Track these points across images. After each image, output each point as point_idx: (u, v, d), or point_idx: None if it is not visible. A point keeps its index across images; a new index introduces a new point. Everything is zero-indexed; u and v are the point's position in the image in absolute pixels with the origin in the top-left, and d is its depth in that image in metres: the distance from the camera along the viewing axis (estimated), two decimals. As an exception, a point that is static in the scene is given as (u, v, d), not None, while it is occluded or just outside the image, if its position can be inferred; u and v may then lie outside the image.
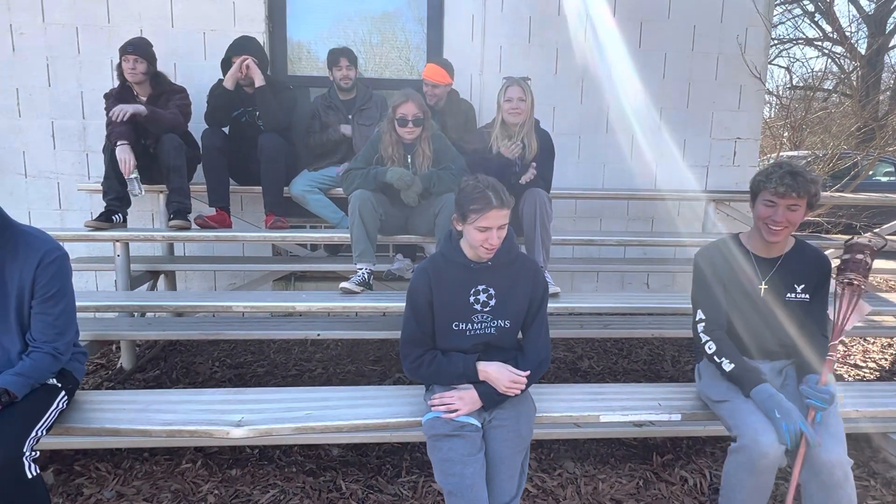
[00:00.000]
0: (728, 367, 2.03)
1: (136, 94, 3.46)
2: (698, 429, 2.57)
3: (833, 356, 1.98)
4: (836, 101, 11.64)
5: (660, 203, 4.54)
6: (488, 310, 1.98)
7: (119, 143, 3.26)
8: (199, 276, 4.38)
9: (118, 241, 3.28)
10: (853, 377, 3.73)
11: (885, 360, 4.05)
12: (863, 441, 2.72)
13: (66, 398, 1.99)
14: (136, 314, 3.56)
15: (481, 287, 1.98)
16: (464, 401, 1.90)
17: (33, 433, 1.76)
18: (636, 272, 4.63)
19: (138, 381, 3.40)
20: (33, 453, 1.73)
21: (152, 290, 3.89)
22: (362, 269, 3.01)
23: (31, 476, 1.69)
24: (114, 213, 3.37)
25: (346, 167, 3.65)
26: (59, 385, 1.97)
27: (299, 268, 4.19)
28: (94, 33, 3.97)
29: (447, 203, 2.90)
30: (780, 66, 16.01)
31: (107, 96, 3.44)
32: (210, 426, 2.01)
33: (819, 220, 6.17)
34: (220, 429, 2.00)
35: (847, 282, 2.00)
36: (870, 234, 2.58)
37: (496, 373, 1.91)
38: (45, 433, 1.84)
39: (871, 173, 7.70)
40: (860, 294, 1.99)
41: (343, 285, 2.94)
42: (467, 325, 1.98)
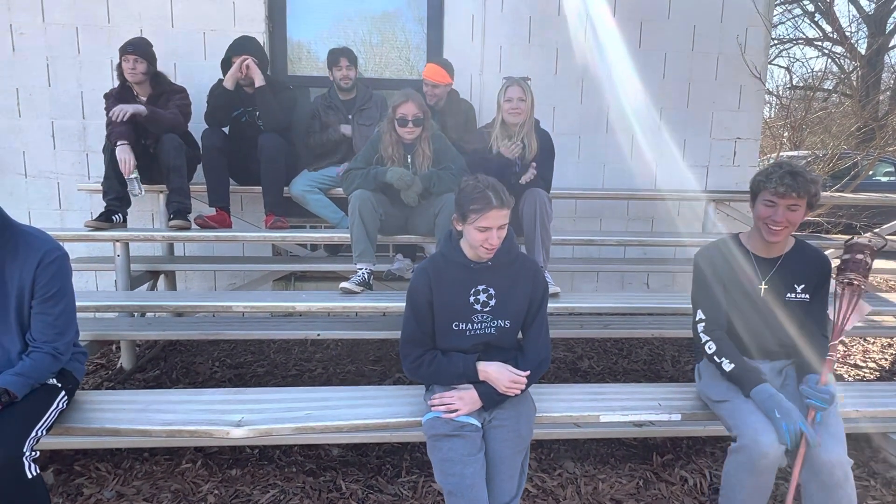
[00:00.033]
0: (728, 367, 2.03)
1: (135, 94, 3.46)
2: (698, 429, 2.57)
3: (833, 356, 1.98)
4: (836, 101, 11.65)
5: (660, 203, 4.54)
6: (488, 310, 1.98)
7: (119, 143, 3.26)
8: (199, 276, 4.38)
9: (118, 241, 3.28)
10: (853, 377, 3.72)
11: (885, 360, 4.05)
12: (863, 441, 2.71)
13: (66, 398, 1.99)
14: (136, 314, 3.56)
15: (481, 287, 1.98)
16: (464, 401, 1.90)
17: (33, 433, 1.76)
18: (636, 272, 4.63)
19: (138, 381, 3.40)
20: (33, 453, 1.73)
21: (152, 290, 3.89)
22: (362, 269, 3.01)
23: (31, 476, 1.69)
24: (114, 213, 3.38)
25: (345, 167, 3.65)
26: (59, 385, 1.97)
27: (299, 268, 4.19)
28: (95, 33, 3.97)
29: (447, 203, 2.90)
30: (780, 66, 16.03)
31: (107, 96, 3.45)
32: (210, 426, 2.02)
33: (819, 220, 6.17)
34: (220, 429, 2.00)
35: (847, 282, 2.00)
36: (870, 234, 2.58)
37: (496, 373, 1.91)
38: (45, 433, 1.84)
39: (871, 173, 7.71)
40: (860, 294, 1.99)
41: (343, 285, 2.94)
42: (467, 325, 1.98)
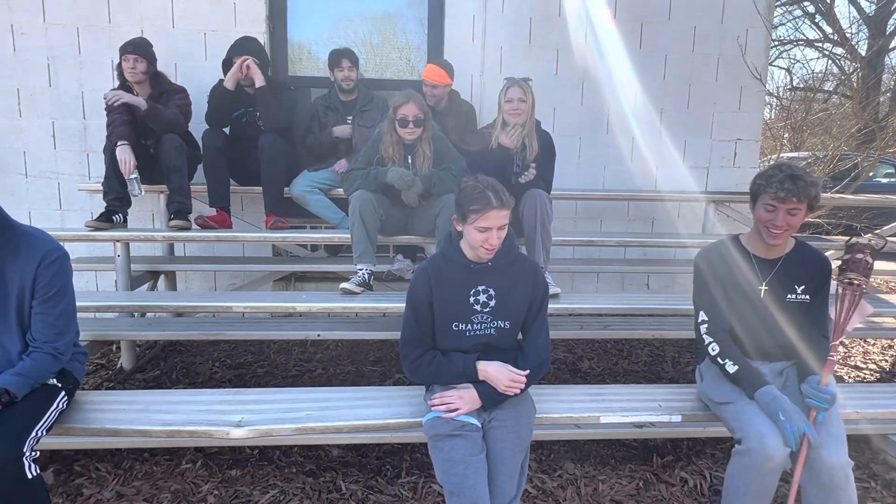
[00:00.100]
0: (732, 368, 2.02)
1: (135, 93, 3.45)
2: (698, 430, 2.56)
3: (834, 356, 1.98)
4: (837, 102, 11.66)
5: (660, 204, 4.54)
6: (488, 310, 1.98)
7: (119, 143, 3.26)
8: (199, 276, 4.38)
9: (118, 241, 3.28)
10: (853, 378, 3.72)
11: (886, 361, 4.04)
12: (863, 443, 2.71)
13: (66, 398, 1.99)
14: (136, 314, 3.55)
15: (481, 287, 1.98)
16: (464, 400, 1.90)
17: (33, 433, 1.76)
18: (636, 273, 4.63)
19: (138, 381, 3.40)
20: (33, 453, 1.73)
21: (152, 291, 3.89)
22: (362, 269, 3.01)
23: (31, 476, 1.69)
24: (114, 213, 3.38)
25: (344, 163, 3.67)
26: (60, 385, 1.97)
27: (299, 268, 4.19)
28: (95, 33, 3.98)
29: (447, 204, 2.90)
30: (781, 68, 16.07)
31: (110, 105, 3.44)
32: (210, 426, 2.01)
33: (819, 221, 6.17)
34: (220, 429, 2.00)
35: (847, 281, 2.00)
36: (871, 234, 2.58)
37: (496, 372, 1.91)
38: (45, 433, 1.84)
39: (871, 175, 7.70)
40: (861, 294, 1.98)
41: (343, 286, 2.94)
42: (467, 326, 1.98)
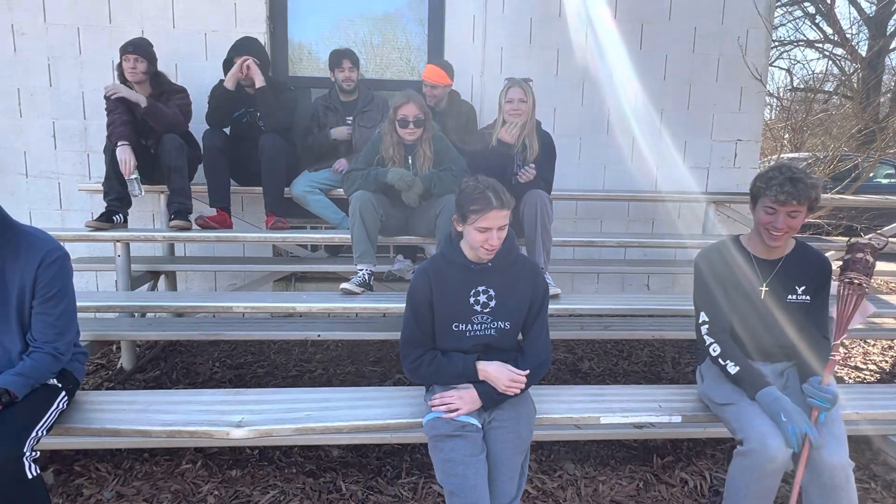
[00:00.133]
0: (733, 369, 2.02)
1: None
2: (699, 431, 2.56)
3: (835, 356, 1.98)
4: (837, 103, 11.65)
5: (660, 205, 4.53)
6: (488, 311, 1.98)
7: (119, 143, 3.26)
8: (199, 276, 4.38)
9: (119, 241, 3.28)
10: (854, 379, 3.72)
11: (886, 362, 4.04)
12: (863, 443, 2.71)
13: (66, 398, 1.99)
14: (136, 314, 3.55)
15: (481, 288, 1.98)
16: (464, 400, 1.90)
17: (34, 433, 1.76)
18: (637, 274, 4.63)
19: (138, 381, 3.40)
20: (33, 453, 1.73)
21: (153, 291, 3.89)
22: (363, 269, 3.01)
23: (31, 476, 1.69)
24: (114, 213, 3.38)
25: (343, 162, 3.67)
26: (60, 385, 1.97)
27: (300, 268, 4.19)
28: (96, 34, 3.98)
29: (448, 204, 2.90)
30: (781, 68, 16.05)
31: (107, 97, 3.45)
32: (210, 427, 2.01)
33: (820, 221, 6.17)
34: (220, 429, 2.00)
35: (848, 281, 2.00)
36: (871, 235, 2.58)
37: (496, 372, 1.91)
38: (45, 433, 1.84)
39: (871, 175, 7.70)
40: (862, 293, 1.98)
41: (343, 286, 2.94)
42: (467, 326, 1.98)
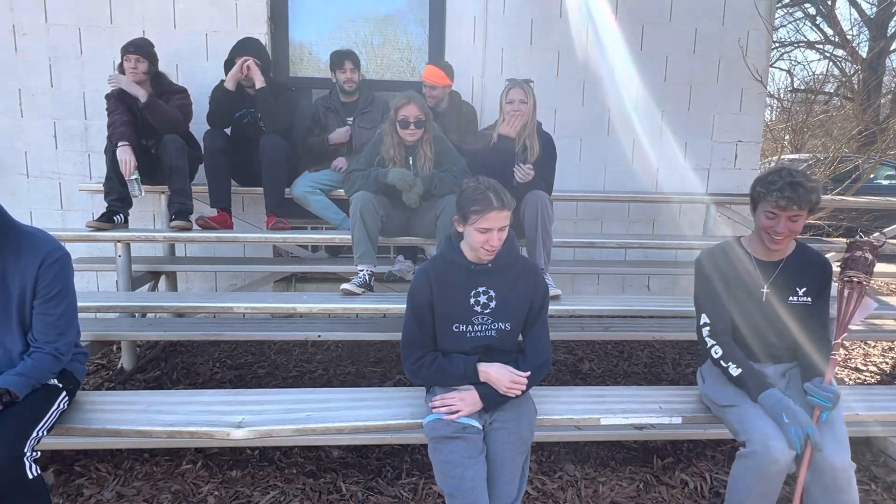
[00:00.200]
0: (735, 371, 2.02)
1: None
2: (699, 432, 2.55)
3: (836, 355, 1.98)
4: (838, 104, 11.64)
5: (661, 206, 4.54)
6: (488, 312, 1.98)
7: (120, 143, 3.27)
8: (199, 276, 4.38)
9: (119, 241, 3.29)
10: (854, 381, 3.72)
11: (886, 363, 4.04)
12: (863, 445, 2.71)
13: (66, 398, 1.99)
14: (136, 315, 3.56)
15: (481, 289, 1.98)
16: (465, 402, 1.89)
17: (34, 433, 1.76)
18: (637, 275, 4.63)
19: (139, 381, 3.40)
20: (34, 454, 1.73)
21: (153, 291, 3.89)
22: (363, 270, 3.01)
23: (31, 476, 1.69)
24: (115, 213, 3.38)
25: (343, 160, 3.67)
26: (60, 385, 1.97)
27: (300, 269, 4.19)
28: (97, 34, 3.98)
29: (448, 205, 2.90)
30: (782, 70, 16.06)
31: (108, 97, 3.45)
32: (210, 427, 2.02)
33: (820, 223, 6.17)
34: (220, 430, 2.00)
35: (848, 279, 2.00)
36: (874, 235, 2.58)
37: (497, 373, 1.91)
38: (45, 433, 1.84)
39: (872, 177, 7.70)
40: (862, 291, 1.99)
41: (344, 287, 2.94)
42: (468, 327, 1.98)
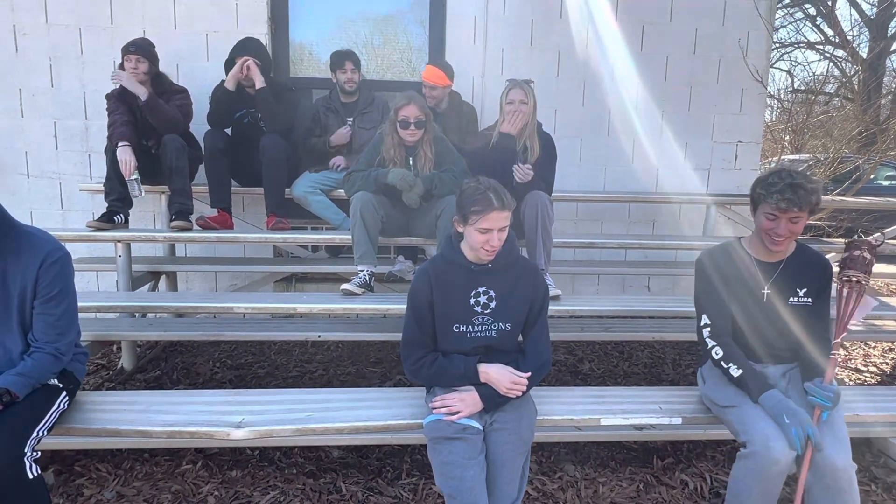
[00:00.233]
0: (736, 372, 2.02)
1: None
2: (699, 432, 2.56)
3: (836, 354, 1.98)
4: (838, 104, 11.63)
5: (661, 206, 4.53)
6: (489, 312, 1.98)
7: (120, 143, 3.27)
8: (200, 276, 4.38)
9: (120, 241, 3.29)
10: (854, 381, 3.72)
11: (887, 364, 4.04)
12: (864, 445, 2.71)
13: (67, 399, 1.99)
14: (137, 315, 3.56)
15: (481, 289, 1.98)
16: (465, 402, 1.89)
17: (34, 433, 1.76)
18: (637, 275, 4.63)
19: (139, 381, 3.40)
20: (34, 453, 1.73)
21: (153, 291, 3.89)
22: (363, 270, 3.01)
23: (31, 476, 1.69)
24: (115, 213, 3.38)
25: (342, 159, 3.67)
26: (61, 385, 1.97)
27: (300, 269, 4.19)
28: (98, 34, 3.98)
29: (448, 205, 2.90)
30: (782, 70, 16.09)
31: (108, 97, 3.45)
32: (211, 427, 2.02)
33: (820, 223, 6.17)
34: (220, 430, 2.00)
35: (846, 279, 2.01)
36: (872, 236, 2.58)
37: (497, 374, 1.91)
38: (46, 433, 1.84)
39: (872, 177, 7.70)
40: (861, 290, 1.99)
41: (344, 287, 2.94)
42: (468, 328, 1.98)
